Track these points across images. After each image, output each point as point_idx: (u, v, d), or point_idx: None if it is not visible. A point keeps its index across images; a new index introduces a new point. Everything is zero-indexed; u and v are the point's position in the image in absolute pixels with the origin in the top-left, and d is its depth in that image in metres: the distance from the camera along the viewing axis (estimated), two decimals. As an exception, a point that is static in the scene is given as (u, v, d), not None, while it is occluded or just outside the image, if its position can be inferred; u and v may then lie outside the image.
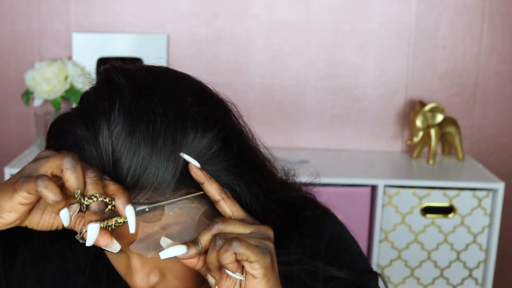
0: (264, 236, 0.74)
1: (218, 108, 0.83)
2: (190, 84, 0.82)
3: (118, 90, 0.75)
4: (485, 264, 2.00)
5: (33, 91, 2.02)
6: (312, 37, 2.18)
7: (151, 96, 0.75)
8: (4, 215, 0.70)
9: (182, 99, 0.76)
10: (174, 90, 0.78)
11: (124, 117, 0.72)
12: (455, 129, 2.13)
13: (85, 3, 2.15)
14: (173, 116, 0.74)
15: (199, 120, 0.76)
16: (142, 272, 0.77)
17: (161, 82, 0.78)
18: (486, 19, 2.17)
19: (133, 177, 0.72)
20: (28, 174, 0.68)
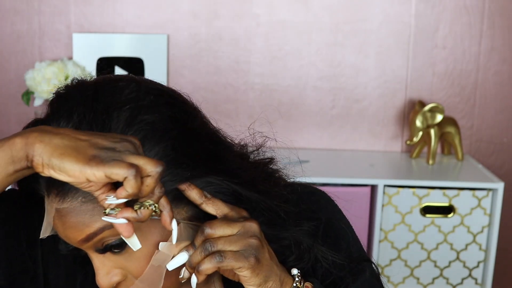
0: (249, 233, 0.79)
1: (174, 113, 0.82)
2: (148, 92, 0.82)
3: (68, 100, 0.81)
4: (485, 264, 2.00)
5: (34, 91, 2.02)
6: (312, 37, 2.19)
7: (97, 102, 0.79)
8: (61, 175, 0.71)
9: (132, 111, 0.79)
10: (127, 98, 0.80)
11: (68, 121, 0.77)
12: (455, 129, 2.13)
13: (85, 3, 2.15)
14: (116, 127, 0.77)
15: (149, 130, 0.78)
16: (102, 271, 0.81)
17: (109, 89, 0.81)
18: (485, 19, 2.17)
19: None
20: (110, 157, 0.70)
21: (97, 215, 0.77)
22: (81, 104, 0.79)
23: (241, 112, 2.19)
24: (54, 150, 0.71)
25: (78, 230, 0.78)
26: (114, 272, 0.81)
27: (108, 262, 0.81)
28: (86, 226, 0.77)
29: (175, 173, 0.79)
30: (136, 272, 0.81)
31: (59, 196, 0.77)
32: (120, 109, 0.79)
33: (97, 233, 0.78)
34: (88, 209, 0.77)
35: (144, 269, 0.80)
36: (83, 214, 0.77)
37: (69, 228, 0.78)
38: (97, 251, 0.80)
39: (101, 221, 0.76)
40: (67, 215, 0.78)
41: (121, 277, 0.82)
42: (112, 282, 0.81)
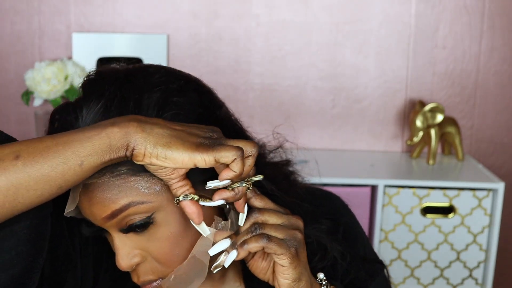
0: (294, 226, 0.83)
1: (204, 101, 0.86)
2: (178, 78, 0.85)
3: (102, 81, 0.82)
4: (485, 264, 2.00)
5: (33, 91, 2.02)
6: (312, 37, 2.18)
7: (129, 84, 0.81)
8: (166, 162, 0.74)
9: (164, 92, 0.81)
10: (159, 81, 0.82)
11: (99, 100, 0.79)
12: (455, 129, 2.13)
13: (85, 3, 2.15)
14: (148, 107, 0.80)
15: (180, 110, 0.81)
16: (123, 252, 0.82)
17: (140, 72, 0.84)
18: (486, 19, 2.17)
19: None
20: (213, 143, 0.75)
21: (124, 192, 0.78)
22: (113, 84, 0.81)
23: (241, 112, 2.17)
24: (159, 139, 0.73)
25: (104, 206, 0.79)
26: (134, 253, 0.82)
27: (129, 243, 0.82)
28: (112, 202, 0.79)
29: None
30: (157, 253, 0.82)
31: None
32: (151, 91, 0.80)
33: (122, 210, 0.79)
34: (115, 185, 0.78)
35: (165, 251, 0.82)
36: (111, 190, 0.78)
37: (96, 204, 0.79)
38: (120, 231, 0.81)
39: (128, 197, 0.78)
40: (94, 190, 0.78)
41: (140, 259, 0.83)
42: (132, 263, 0.82)
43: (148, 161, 0.74)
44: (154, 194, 0.79)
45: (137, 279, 0.84)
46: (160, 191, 0.80)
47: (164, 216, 0.80)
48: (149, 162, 0.74)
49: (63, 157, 0.72)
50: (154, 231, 0.81)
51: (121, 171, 0.78)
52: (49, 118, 0.83)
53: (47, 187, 0.72)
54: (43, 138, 0.74)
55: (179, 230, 0.82)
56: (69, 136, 0.73)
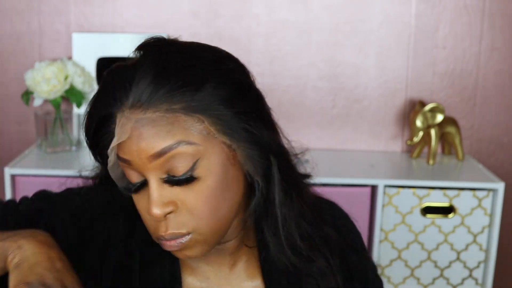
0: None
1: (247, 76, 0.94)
2: (225, 51, 0.92)
3: (161, 43, 0.90)
4: (485, 264, 2.00)
5: (33, 91, 2.02)
6: (312, 37, 2.18)
7: (188, 46, 0.89)
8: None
9: (216, 54, 0.88)
10: (210, 48, 0.90)
11: (158, 55, 0.85)
12: (455, 129, 2.13)
13: (85, 3, 2.15)
14: (204, 61, 0.85)
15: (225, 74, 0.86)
16: (158, 201, 0.83)
17: (197, 44, 0.91)
18: (486, 19, 2.17)
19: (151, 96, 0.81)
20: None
21: (175, 130, 0.81)
22: (170, 47, 0.87)
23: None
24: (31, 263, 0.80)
25: (153, 142, 0.81)
26: (167, 201, 0.83)
27: (166, 193, 0.83)
28: (162, 138, 0.81)
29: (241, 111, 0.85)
30: (192, 203, 0.83)
31: (143, 107, 0.81)
32: (207, 52, 0.87)
33: (171, 148, 0.81)
34: (168, 122, 0.81)
35: (202, 202, 0.83)
36: (163, 126, 0.81)
37: (146, 138, 0.81)
38: (162, 176, 0.83)
39: (178, 136, 0.81)
40: (146, 125, 0.81)
41: (174, 208, 0.84)
42: (166, 210, 0.83)
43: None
44: (203, 138, 0.82)
45: (164, 230, 0.85)
46: (208, 137, 0.82)
47: (206, 165, 0.83)
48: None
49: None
50: (193, 184, 0.83)
51: (175, 109, 0.81)
52: (105, 74, 0.87)
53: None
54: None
55: (217, 183, 0.84)
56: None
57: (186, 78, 0.82)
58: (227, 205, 0.86)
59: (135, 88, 0.81)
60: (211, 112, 0.82)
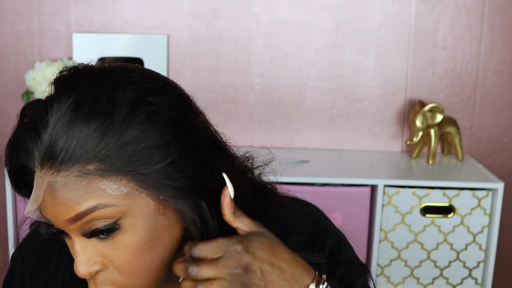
0: (235, 258, 0.77)
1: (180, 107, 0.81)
2: (155, 79, 0.81)
3: (76, 76, 0.80)
4: (485, 264, 2.00)
5: (34, 91, 2.02)
6: (312, 37, 2.19)
7: (103, 80, 0.78)
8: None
9: (139, 91, 0.77)
10: (134, 80, 0.79)
11: (70, 96, 0.75)
12: (455, 129, 2.13)
13: (85, 3, 2.15)
14: (123, 104, 0.76)
15: (152, 112, 0.76)
16: (83, 258, 0.78)
17: (116, 70, 0.81)
18: (485, 19, 2.17)
19: (69, 151, 0.75)
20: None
21: (90, 193, 0.75)
22: (86, 80, 0.78)
23: (241, 112, 2.19)
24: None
25: (68, 208, 0.75)
26: (94, 259, 0.79)
27: (91, 249, 0.78)
28: (77, 203, 0.75)
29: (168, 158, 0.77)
30: (119, 262, 0.78)
31: (54, 168, 0.75)
32: (126, 88, 0.77)
33: (88, 212, 0.75)
34: (82, 186, 0.75)
35: (129, 260, 0.78)
36: (76, 190, 0.75)
37: (60, 204, 0.76)
38: (82, 235, 0.78)
39: (94, 199, 0.75)
40: (59, 189, 0.75)
41: (101, 267, 0.79)
42: (92, 270, 0.79)
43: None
44: (122, 197, 0.76)
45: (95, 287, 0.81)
46: (128, 194, 0.76)
47: (130, 222, 0.77)
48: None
49: None
50: (119, 238, 0.77)
51: (90, 170, 0.74)
52: (19, 114, 0.81)
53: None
54: None
55: (145, 239, 0.78)
56: None
57: (100, 131, 0.74)
58: (159, 257, 0.80)
59: (47, 143, 0.74)
60: (129, 169, 0.75)
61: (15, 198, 1.92)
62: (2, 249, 2.16)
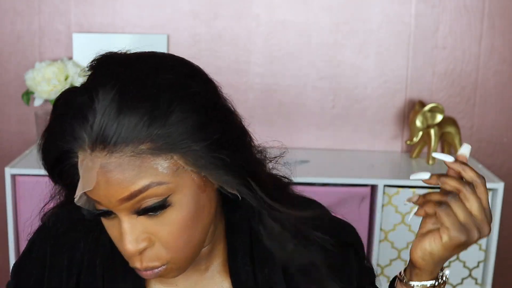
0: (480, 223, 0.84)
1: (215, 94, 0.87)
2: (187, 64, 0.88)
3: (114, 64, 0.83)
4: (485, 263, 2.01)
5: (34, 91, 2.02)
6: (312, 37, 2.19)
7: (143, 65, 0.82)
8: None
9: (177, 74, 0.82)
10: (170, 64, 0.85)
11: (116, 81, 0.78)
12: (455, 129, 2.13)
13: (85, 3, 2.15)
14: (166, 86, 0.79)
15: (192, 96, 0.81)
16: (131, 236, 0.81)
17: (150, 56, 0.85)
18: (485, 19, 2.18)
19: (119, 134, 0.77)
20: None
21: (143, 172, 0.78)
22: (127, 66, 0.81)
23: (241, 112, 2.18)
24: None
25: (123, 187, 0.78)
26: (142, 237, 0.82)
27: (139, 226, 0.81)
28: (132, 183, 0.78)
29: (204, 137, 0.80)
30: (166, 238, 0.82)
31: (107, 150, 0.77)
32: (166, 72, 0.81)
33: (142, 191, 0.78)
34: (135, 165, 0.78)
35: (175, 235, 0.82)
36: (131, 170, 0.78)
37: (114, 184, 0.78)
38: (132, 213, 0.80)
39: (147, 178, 0.78)
40: (113, 170, 0.77)
41: (148, 243, 0.82)
42: (140, 248, 0.82)
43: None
44: (172, 174, 0.79)
45: (140, 264, 0.83)
46: (177, 171, 0.80)
47: (179, 198, 0.81)
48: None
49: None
50: (167, 214, 0.81)
51: (142, 150, 0.77)
52: (54, 102, 0.82)
53: None
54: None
55: (190, 214, 0.82)
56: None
57: (150, 113, 0.77)
58: (200, 233, 0.85)
59: (97, 127, 0.77)
60: (179, 147, 0.79)
61: (15, 198, 1.92)
62: (2, 249, 2.16)
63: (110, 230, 0.85)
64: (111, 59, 0.84)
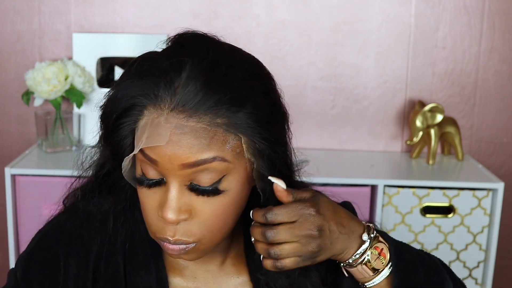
0: (305, 217, 0.84)
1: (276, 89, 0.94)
2: (264, 66, 0.95)
3: (205, 42, 0.89)
4: (485, 264, 2.01)
5: (34, 91, 2.02)
6: (312, 37, 2.19)
7: (232, 51, 0.89)
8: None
9: (260, 69, 0.90)
10: (253, 59, 0.92)
11: (207, 58, 0.83)
12: (455, 129, 2.13)
13: (85, 3, 2.15)
14: (251, 75, 0.85)
15: (265, 90, 0.87)
16: (175, 204, 0.82)
17: (238, 50, 0.91)
18: (485, 19, 2.18)
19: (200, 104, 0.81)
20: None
21: (213, 144, 0.80)
22: (219, 47, 0.88)
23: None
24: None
25: (191, 153, 0.80)
26: (185, 208, 0.83)
27: (185, 198, 0.83)
28: (201, 150, 0.80)
29: (262, 131, 0.84)
30: (206, 216, 0.83)
31: (186, 113, 0.80)
32: (249, 62, 0.89)
33: (206, 161, 0.80)
34: (209, 136, 0.80)
35: (216, 216, 0.84)
36: (204, 139, 0.80)
37: (183, 147, 0.80)
38: (184, 184, 0.82)
39: (214, 151, 0.80)
40: (188, 134, 0.80)
41: (187, 216, 0.83)
42: (180, 218, 0.83)
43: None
44: (235, 155, 0.82)
45: (172, 235, 0.84)
46: (239, 154, 0.83)
47: (230, 181, 0.83)
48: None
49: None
50: (217, 195, 0.83)
51: (218, 123, 0.80)
52: (134, 60, 0.84)
53: None
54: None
55: (234, 200, 0.84)
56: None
57: (233, 92, 0.81)
58: (233, 221, 0.87)
59: (182, 91, 0.80)
60: (248, 132, 0.82)
61: (15, 198, 1.92)
62: (2, 249, 2.16)
63: (149, 200, 0.85)
64: (202, 37, 0.90)
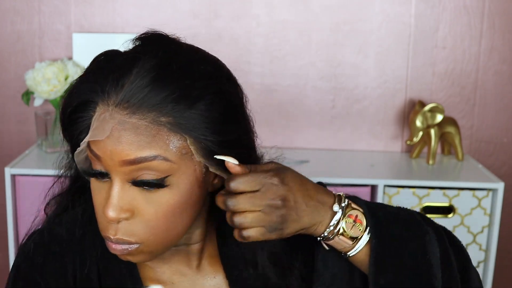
0: (268, 187, 0.82)
1: (234, 89, 0.91)
2: (225, 67, 0.91)
3: (163, 41, 0.89)
4: (485, 264, 2.00)
5: (34, 91, 2.02)
6: (312, 37, 2.19)
7: (190, 51, 0.88)
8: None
9: (217, 70, 0.87)
10: (213, 60, 0.89)
11: (160, 56, 0.83)
12: (455, 129, 2.13)
13: (85, 3, 2.15)
14: (204, 76, 0.83)
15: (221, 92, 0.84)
16: (117, 202, 0.81)
17: (199, 51, 0.91)
18: (485, 19, 2.18)
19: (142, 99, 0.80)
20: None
21: (155, 143, 0.79)
22: (174, 46, 0.87)
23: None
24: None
25: (131, 149, 0.79)
26: (127, 207, 0.82)
27: (127, 196, 0.82)
28: (141, 148, 0.79)
29: (223, 130, 0.83)
30: (150, 216, 0.82)
31: (129, 110, 0.79)
32: (208, 63, 0.86)
33: (147, 159, 0.79)
34: (151, 133, 0.79)
35: (159, 216, 0.82)
36: (145, 136, 0.79)
37: (124, 143, 0.79)
38: (127, 181, 0.81)
39: (155, 150, 0.79)
40: (129, 130, 0.79)
41: (129, 215, 0.82)
42: (121, 216, 0.82)
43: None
44: (180, 156, 0.81)
45: (113, 234, 0.83)
46: (185, 156, 0.81)
47: (176, 182, 0.81)
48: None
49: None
50: (160, 194, 0.82)
51: (162, 122, 0.79)
52: (96, 57, 0.87)
53: None
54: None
55: (180, 202, 0.82)
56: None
57: (182, 91, 0.80)
58: (181, 225, 0.85)
59: (128, 87, 0.79)
60: (196, 133, 0.80)
61: (15, 198, 1.92)
62: (2, 249, 2.16)
63: (97, 195, 0.84)
64: (161, 36, 0.89)
